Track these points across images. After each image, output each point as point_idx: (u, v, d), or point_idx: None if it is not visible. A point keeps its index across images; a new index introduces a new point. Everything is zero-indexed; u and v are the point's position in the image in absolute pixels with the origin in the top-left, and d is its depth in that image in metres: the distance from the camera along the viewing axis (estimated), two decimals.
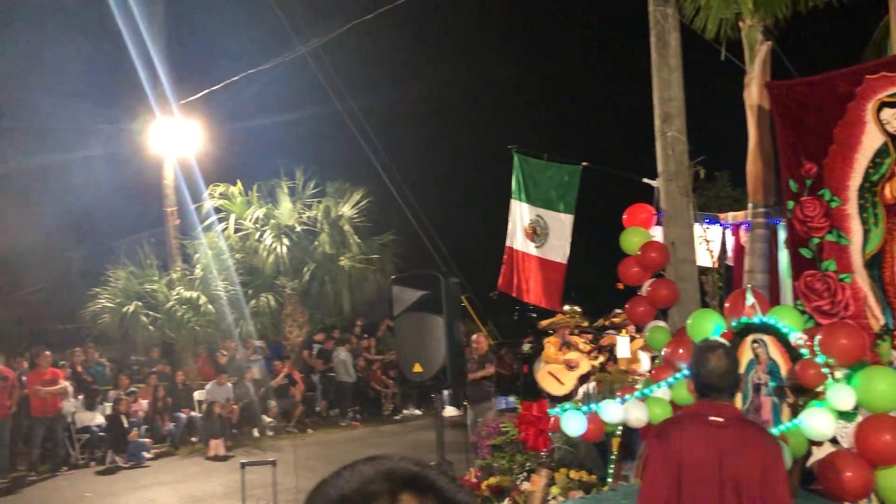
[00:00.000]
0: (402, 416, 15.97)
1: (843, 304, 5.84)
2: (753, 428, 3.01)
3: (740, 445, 2.90)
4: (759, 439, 2.94)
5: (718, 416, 2.98)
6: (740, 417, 3.03)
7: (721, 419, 2.97)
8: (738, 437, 2.93)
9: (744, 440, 2.92)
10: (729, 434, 2.93)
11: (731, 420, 2.98)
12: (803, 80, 6.42)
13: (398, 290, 6.21)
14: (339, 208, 16.95)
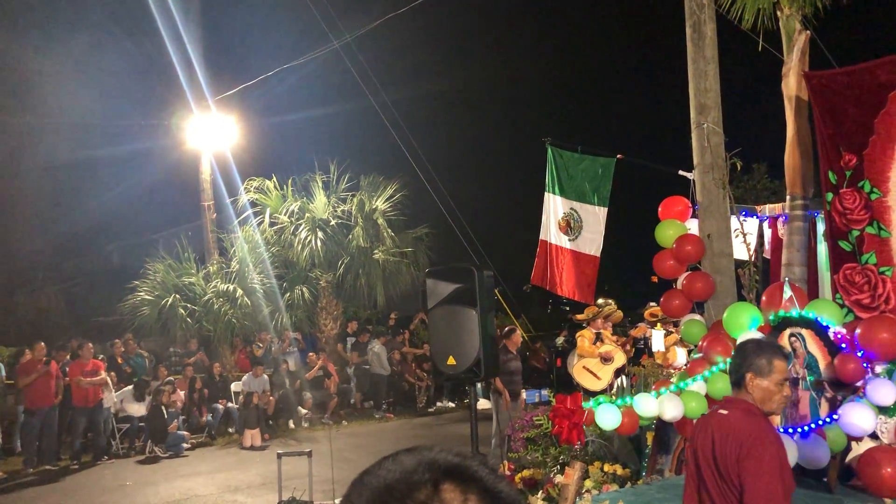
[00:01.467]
0: (436, 409, 16.04)
1: (884, 298, 5.74)
2: (743, 415, 3.03)
3: (727, 431, 2.99)
4: (741, 425, 2.98)
5: (724, 409, 3.12)
6: (740, 408, 3.06)
7: (725, 411, 3.09)
8: (729, 423, 3.02)
9: (730, 426, 3.00)
10: (725, 422, 3.04)
11: (733, 410, 3.07)
12: (842, 70, 6.31)
13: (432, 284, 6.23)
14: (372, 202, 17.03)
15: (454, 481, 0.94)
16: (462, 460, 0.98)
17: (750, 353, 3.12)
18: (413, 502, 0.92)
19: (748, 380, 3.06)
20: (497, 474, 1.00)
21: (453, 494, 0.93)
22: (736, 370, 3.15)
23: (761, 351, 3.12)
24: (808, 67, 7.23)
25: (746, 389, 3.08)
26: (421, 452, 0.99)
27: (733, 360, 3.21)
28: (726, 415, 3.06)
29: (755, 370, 3.06)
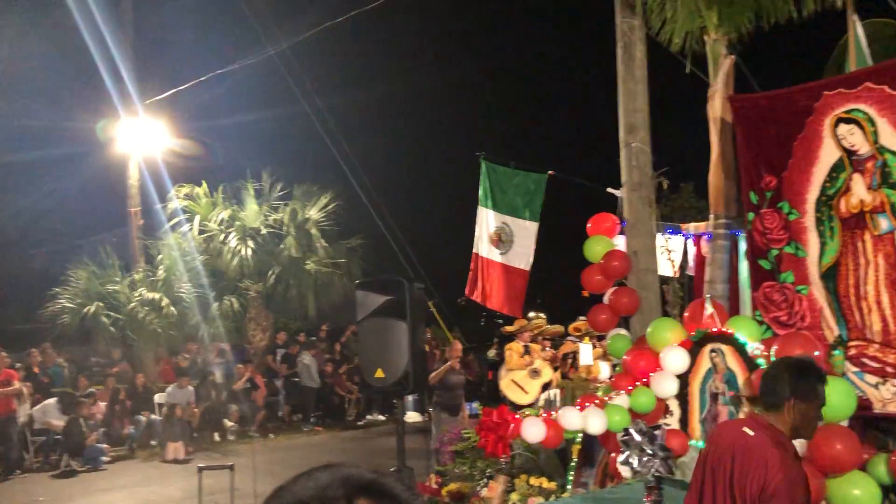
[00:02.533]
0: (366, 422, 15.92)
1: (800, 315, 5.94)
2: (772, 444, 2.89)
3: (753, 458, 2.88)
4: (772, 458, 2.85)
5: (749, 429, 2.97)
6: (769, 435, 2.91)
7: (752, 432, 2.94)
8: (756, 450, 2.89)
9: (758, 454, 2.87)
10: (752, 447, 2.90)
11: (761, 434, 2.93)
12: (765, 95, 6.54)
13: (362, 295, 6.20)
14: (305, 211, 16.85)
15: (368, 498, 0.94)
16: (377, 477, 0.99)
17: (796, 376, 2.95)
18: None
19: (792, 404, 2.89)
20: (413, 491, 1.00)
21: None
22: (775, 392, 2.95)
23: (808, 374, 2.98)
24: (732, 91, 7.46)
25: (785, 413, 2.90)
26: (336, 469, 0.99)
27: (772, 381, 2.98)
28: (753, 437, 2.90)
29: (801, 395, 2.91)
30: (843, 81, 5.81)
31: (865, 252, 5.56)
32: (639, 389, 5.62)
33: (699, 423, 5.54)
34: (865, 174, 5.58)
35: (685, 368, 5.59)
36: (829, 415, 4.74)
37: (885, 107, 5.43)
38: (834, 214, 5.75)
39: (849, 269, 5.66)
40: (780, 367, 3.07)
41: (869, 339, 5.51)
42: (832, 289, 5.75)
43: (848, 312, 5.64)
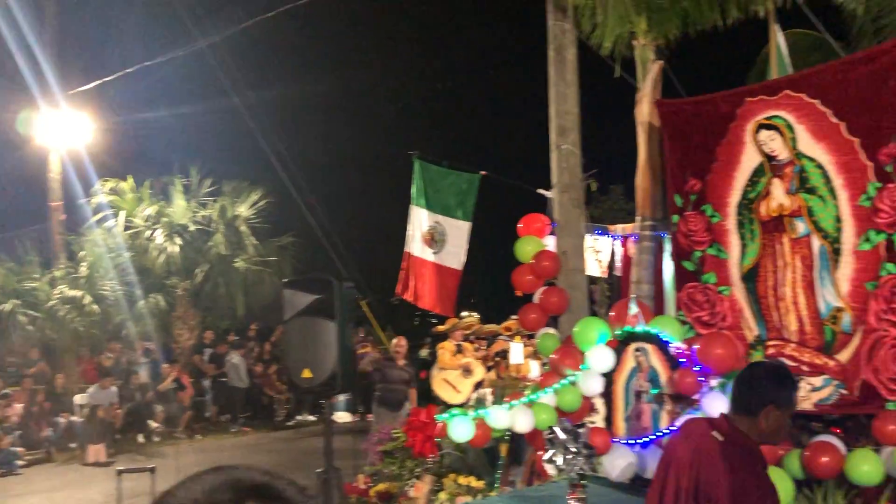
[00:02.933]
0: (296, 423, 15.72)
1: (722, 316, 6.11)
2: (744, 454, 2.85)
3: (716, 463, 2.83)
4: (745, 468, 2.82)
5: (719, 434, 2.91)
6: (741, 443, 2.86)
7: (721, 437, 2.89)
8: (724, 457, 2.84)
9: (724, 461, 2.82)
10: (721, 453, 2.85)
11: (732, 441, 2.88)
12: (690, 100, 6.70)
13: (290, 294, 6.08)
14: (235, 208, 16.52)
15: (258, 500, 0.91)
16: (269, 480, 0.96)
17: (774, 383, 2.90)
18: None
19: (768, 410, 2.82)
20: (305, 494, 0.97)
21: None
22: (750, 398, 2.88)
23: (786, 382, 2.94)
24: (659, 95, 7.62)
25: (760, 419, 2.83)
26: (226, 471, 0.96)
27: (747, 386, 2.92)
28: (722, 442, 2.86)
29: (778, 402, 2.84)
30: (764, 89, 6.00)
31: (784, 254, 5.75)
32: (565, 388, 5.69)
33: (623, 421, 5.64)
34: (784, 179, 5.76)
35: (610, 367, 5.68)
36: None
37: (804, 114, 5.62)
38: (754, 218, 5.93)
39: (768, 271, 5.84)
40: (760, 373, 3.02)
41: (786, 338, 5.70)
42: (752, 290, 5.93)
43: (767, 313, 5.82)
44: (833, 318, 5.44)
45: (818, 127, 5.54)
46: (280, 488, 0.94)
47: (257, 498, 0.91)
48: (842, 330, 5.39)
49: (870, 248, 5.27)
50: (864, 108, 5.31)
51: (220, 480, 0.93)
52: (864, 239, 5.30)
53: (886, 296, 5.15)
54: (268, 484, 0.94)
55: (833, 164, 5.47)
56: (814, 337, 5.54)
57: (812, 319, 5.55)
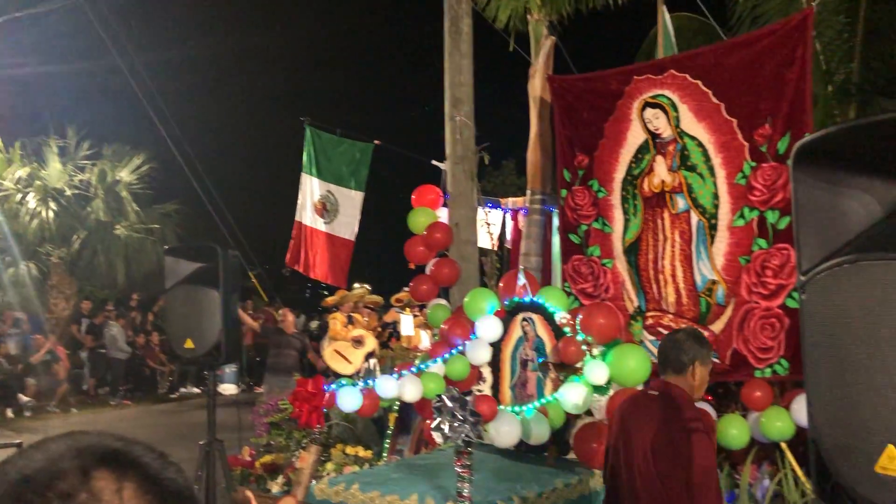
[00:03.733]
0: (180, 395, 15.28)
1: (605, 287, 6.30)
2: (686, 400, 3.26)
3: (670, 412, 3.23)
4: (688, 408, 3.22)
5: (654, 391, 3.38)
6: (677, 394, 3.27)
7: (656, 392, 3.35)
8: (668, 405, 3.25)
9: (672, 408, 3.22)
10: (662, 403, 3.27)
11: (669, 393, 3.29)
12: (581, 77, 6.82)
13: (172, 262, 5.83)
14: (116, 172, 15.77)
15: (109, 468, 0.83)
16: (123, 445, 0.88)
17: (696, 343, 3.33)
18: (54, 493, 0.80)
19: (694, 367, 3.26)
20: (166, 461, 0.90)
21: (105, 483, 0.82)
22: (679, 357, 3.29)
23: (704, 342, 3.39)
24: (552, 71, 7.73)
25: (688, 376, 3.28)
26: (73, 437, 0.87)
27: (675, 348, 3.33)
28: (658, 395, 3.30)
29: (702, 359, 3.29)
30: (651, 68, 6.16)
31: (664, 229, 5.96)
32: (454, 357, 5.74)
33: (509, 389, 5.75)
34: (667, 156, 5.96)
35: (498, 336, 5.77)
36: (626, 379, 5.07)
37: (687, 94, 5.81)
38: (637, 193, 6.12)
39: (649, 245, 6.05)
40: (683, 336, 3.41)
41: (664, 309, 5.93)
42: (633, 263, 6.13)
43: (647, 285, 6.04)
44: (708, 291, 5.70)
45: (700, 107, 5.75)
46: (135, 454, 0.87)
47: (109, 465, 0.84)
48: (716, 302, 5.66)
49: (743, 224, 5.53)
50: (742, 91, 5.55)
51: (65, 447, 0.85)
52: (738, 215, 5.55)
53: (757, 270, 5.43)
54: (121, 450, 0.87)
55: (712, 143, 5.69)
56: (690, 308, 5.79)
57: (689, 291, 5.80)
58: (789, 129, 5.32)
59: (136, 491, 0.83)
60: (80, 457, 0.83)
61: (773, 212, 5.40)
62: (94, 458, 0.84)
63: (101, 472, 0.83)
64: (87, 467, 0.82)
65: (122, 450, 0.87)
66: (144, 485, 0.84)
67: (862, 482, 1.52)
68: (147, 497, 0.84)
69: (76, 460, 0.83)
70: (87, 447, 0.85)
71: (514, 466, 4.88)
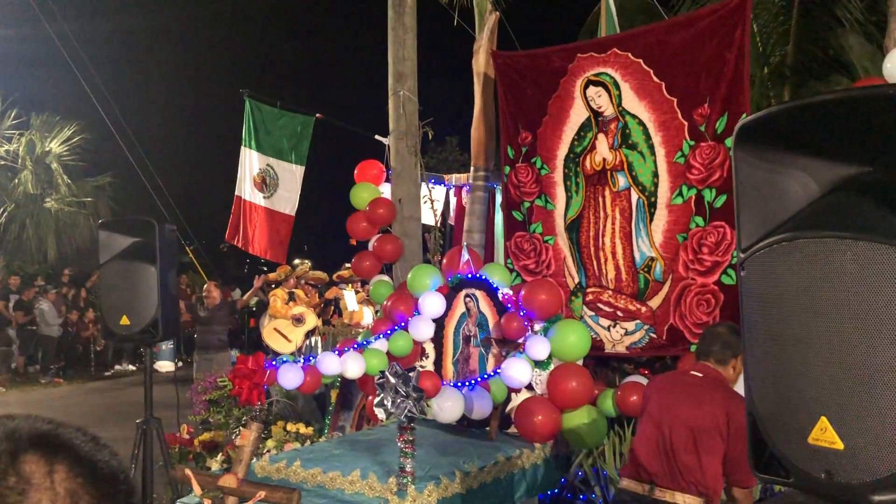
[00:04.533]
0: (114, 372, 14.95)
1: (546, 264, 6.36)
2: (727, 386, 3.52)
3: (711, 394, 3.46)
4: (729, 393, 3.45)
5: (699, 372, 3.58)
6: (719, 378, 3.52)
7: (700, 374, 3.56)
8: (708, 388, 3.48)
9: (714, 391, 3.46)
10: (705, 385, 3.50)
11: (710, 378, 3.53)
12: (525, 53, 6.82)
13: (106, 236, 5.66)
14: (46, 144, 15.22)
15: (39, 451, 0.82)
16: (53, 428, 0.86)
17: (737, 337, 3.44)
18: None
19: (737, 361, 3.49)
20: (98, 443, 0.88)
21: (35, 466, 0.81)
22: (723, 351, 3.54)
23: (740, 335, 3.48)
24: (496, 47, 7.71)
25: (729, 368, 3.54)
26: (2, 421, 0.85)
27: (720, 342, 3.56)
28: (702, 378, 3.53)
29: (741, 352, 3.38)
30: (594, 46, 6.20)
31: (605, 206, 6.04)
32: (397, 333, 5.73)
33: (452, 365, 5.78)
34: (609, 135, 6.03)
35: (441, 313, 5.78)
36: (567, 354, 5.15)
37: (629, 72, 5.87)
38: (580, 171, 6.18)
39: (590, 222, 6.13)
40: (725, 331, 3.65)
41: (604, 286, 6.02)
42: (575, 240, 6.20)
43: (587, 262, 6.12)
44: (647, 268, 5.80)
45: (641, 85, 5.81)
46: (66, 436, 0.86)
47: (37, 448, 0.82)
48: (654, 278, 5.77)
49: (682, 202, 5.63)
50: (683, 70, 5.63)
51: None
52: (677, 193, 5.66)
53: (694, 247, 5.55)
54: (51, 433, 0.85)
55: (653, 121, 5.77)
56: (629, 284, 5.89)
57: (628, 268, 5.90)
58: (727, 110, 5.43)
59: (68, 473, 0.82)
60: (9, 440, 0.82)
61: (710, 190, 5.51)
62: (23, 441, 0.82)
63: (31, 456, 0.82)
64: (15, 450, 0.81)
65: (52, 432, 0.85)
66: (76, 467, 0.83)
67: (795, 453, 1.57)
68: (79, 480, 0.83)
69: (4, 443, 0.81)
70: (14, 430, 0.84)
71: (457, 441, 4.91)
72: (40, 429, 0.84)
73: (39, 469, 0.81)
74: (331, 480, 4.26)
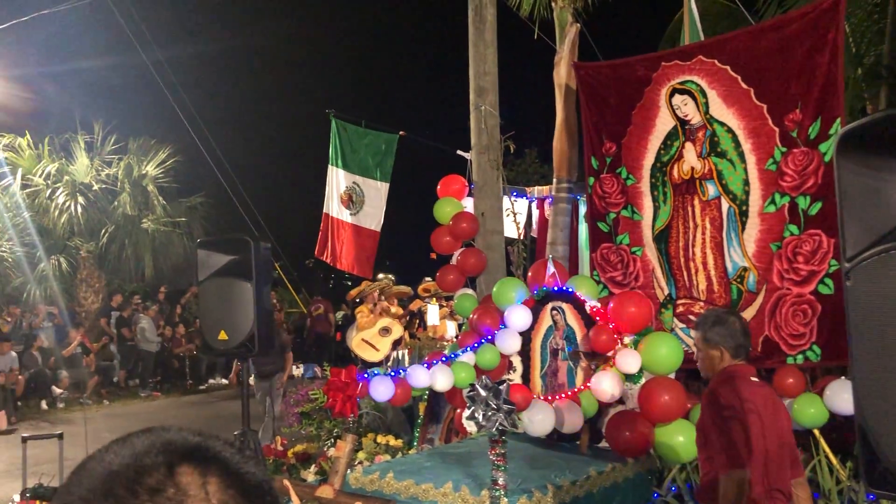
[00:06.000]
0: (208, 386, 15.45)
1: (634, 275, 6.29)
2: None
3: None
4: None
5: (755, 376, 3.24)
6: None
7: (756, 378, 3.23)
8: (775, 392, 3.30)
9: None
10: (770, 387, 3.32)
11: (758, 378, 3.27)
12: (607, 63, 6.78)
13: (204, 255, 5.91)
14: (142, 167, 15.92)
15: (192, 463, 0.85)
16: (202, 440, 0.90)
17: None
18: (143, 488, 0.82)
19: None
20: (244, 454, 0.92)
21: (191, 478, 0.84)
22: (747, 343, 3.28)
23: None
24: (577, 58, 7.70)
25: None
26: (156, 433, 0.89)
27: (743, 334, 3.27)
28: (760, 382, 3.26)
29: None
30: (678, 54, 6.12)
31: (694, 216, 5.94)
32: (484, 347, 5.76)
33: (540, 378, 5.77)
34: (696, 143, 5.93)
35: (528, 326, 5.78)
36: (659, 367, 5.07)
37: (715, 79, 5.77)
38: (667, 180, 6.09)
39: (679, 232, 6.03)
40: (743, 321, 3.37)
41: (695, 297, 5.91)
42: (664, 250, 6.11)
43: (677, 273, 6.02)
44: (739, 278, 5.67)
45: (729, 92, 5.71)
46: (216, 449, 0.89)
47: (191, 460, 0.85)
48: (747, 289, 5.63)
49: (774, 210, 5.49)
50: (772, 75, 5.50)
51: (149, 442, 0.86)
52: (769, 201, 5.52)
53: (789, 256, 5.40)
54: (202, 445, 0.89)
55: (742, 128, 5.65)
56: (721, 295, 5.77)
57: (720, 279, 5.78)
58: (820, 114, 5.27)
59: (220, 485, 0.85)
60: (165, 452, 0.85)
61: (805, 197, 5.36)
62: (178, 453, 0.85)
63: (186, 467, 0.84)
64: (171, 462, 0.84)
65: (202, 444, 0.88)
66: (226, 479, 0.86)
67: None
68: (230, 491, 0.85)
69: (161, 456, 0.84)
70: (169, 442, 0.87)
71: (547, 455, 4.90)
72: (192, 441, 0.88)
73: (194, 481, 0.83)
74: (424, 492, 4.32)
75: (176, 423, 0.95)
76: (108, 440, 0.90)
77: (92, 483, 0.83)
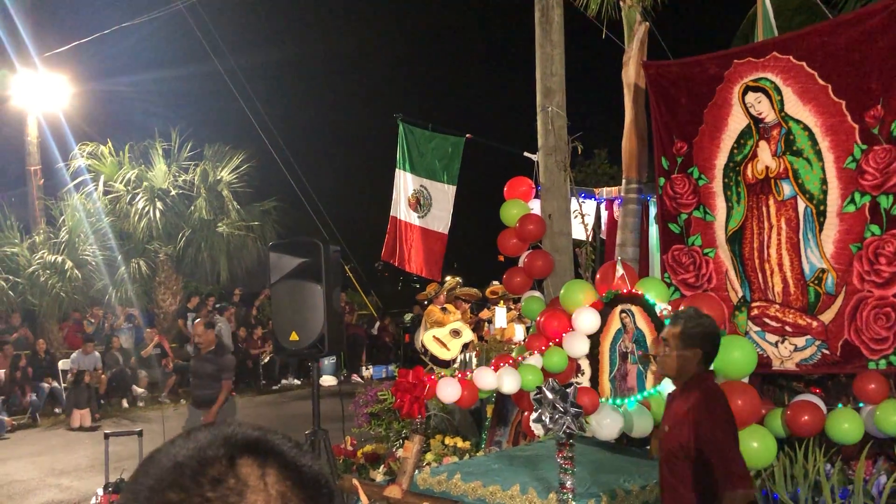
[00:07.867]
0: (281, 386, 15.77)
1: (707, 277, 6.14)
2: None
3: None
4: None
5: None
6: None
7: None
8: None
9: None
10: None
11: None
12: (677, 62, 6.65)
13: (276, 258, 6.07)
14: (217, 172, 16.38)
15: (252, 455, 0.89)
16: (262, 434, 0.95)
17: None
18: (206, 479, 0.86)
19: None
20: (301, 448, 0.96)
21: (250, 469, 0.88)
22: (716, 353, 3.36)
23: None
24: (646, 57, 7.57)
25: None
26: (218, 428, 0.95)
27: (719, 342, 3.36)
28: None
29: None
30: (751, 50, 5.96)
31: (769, 216, 5.77)
32: (552, 349, 5.72)
33: (609, 382, 5.70)
34: (771, 141, 5.77)
35: (596, 329, 5.72)
36: (732, 372, 4.95)
37: (790, 76, 5.60)
38: (741, 180, 5.94)
39: (753, 233, 5.87)
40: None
41: (770, 299, 5.74)
42: (737, 252, 5.96)
43: (752, 274, 5.86)
44: (817, 280, 5.49)
45: (805, 89, 5.53)
46: (275, 443, 0.93)
47: (251, 453, 0.90)
48: (825, 291, 5.45)
49: (854, 209, 5.30)
50: (851, 70, 5.31)
51: (212, 436, 0.91)
52: (849, 201, 5.33)
53: (870, 257, 5.20)
54: (262, 439, 0.93)
55: (819, 126, 5.47)
56: (798, 298, 5.59)
57: (796, 280, 5.60)
58: None
59: (278, 476, 0.89)
60: (226, 445, 0.89)
61: (887, 196, 5.16)
62: (238, 446, 0.90)
63: (246, 459, 0.89)
64: (233, 454, 0.88)
65: (262, 438, 0.93)
66: (284, 471, 0.90)
67: None
68: (287, 483, 0.89)
69: (223, 448, 0.89)
70: (230, 436, 0.91)
71: (616, 459, 4.84)
72: (252, 434, 0.92)
73: (254, 472, 0.88)
74: (491, 494, 4.32)
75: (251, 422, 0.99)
76: None
77: (159, 473, 0.88)
